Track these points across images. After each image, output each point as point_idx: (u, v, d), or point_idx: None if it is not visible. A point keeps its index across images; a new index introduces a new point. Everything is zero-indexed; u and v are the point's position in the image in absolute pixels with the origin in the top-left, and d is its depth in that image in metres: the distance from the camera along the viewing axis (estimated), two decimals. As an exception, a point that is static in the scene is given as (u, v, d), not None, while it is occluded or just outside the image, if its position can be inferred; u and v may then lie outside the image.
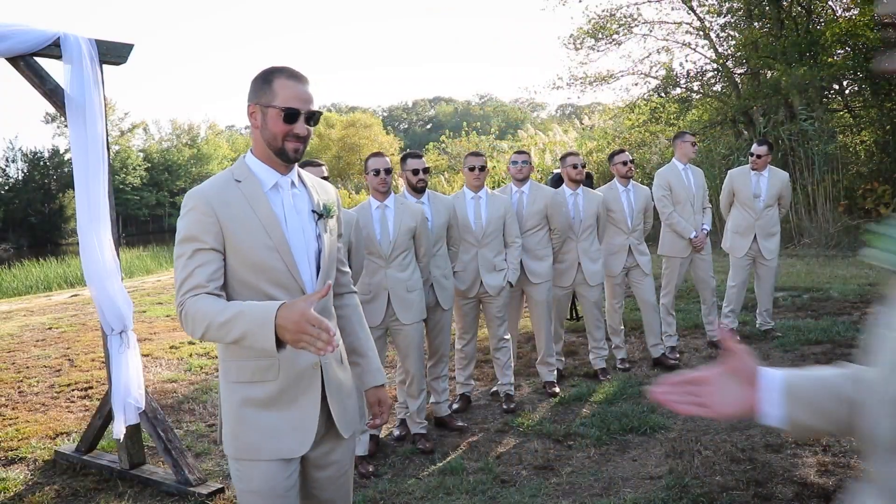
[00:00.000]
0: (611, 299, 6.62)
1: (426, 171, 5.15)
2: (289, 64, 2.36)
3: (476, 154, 5.68)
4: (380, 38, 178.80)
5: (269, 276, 2.29)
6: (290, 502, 2.39)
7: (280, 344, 2.02)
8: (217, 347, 2.42)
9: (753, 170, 7.05)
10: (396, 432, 5.19)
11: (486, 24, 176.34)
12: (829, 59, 15.03)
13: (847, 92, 16.58)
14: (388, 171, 4.80)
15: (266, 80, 2.32)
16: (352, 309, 2.65)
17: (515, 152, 6.12)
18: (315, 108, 2.34)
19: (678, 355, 6.70)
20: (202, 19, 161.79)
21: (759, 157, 7.02)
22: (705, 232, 6.80)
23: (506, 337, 5.70)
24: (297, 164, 2.42)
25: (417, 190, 5.15)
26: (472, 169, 5.52)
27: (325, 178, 4.57)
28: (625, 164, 6.41)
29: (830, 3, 16.16)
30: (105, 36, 4.44)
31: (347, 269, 2.66)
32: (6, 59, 4.12)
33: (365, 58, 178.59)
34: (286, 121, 2.28)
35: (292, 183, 2.41)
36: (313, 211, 2.42)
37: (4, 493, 4.53)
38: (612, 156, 6.64)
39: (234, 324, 2.08)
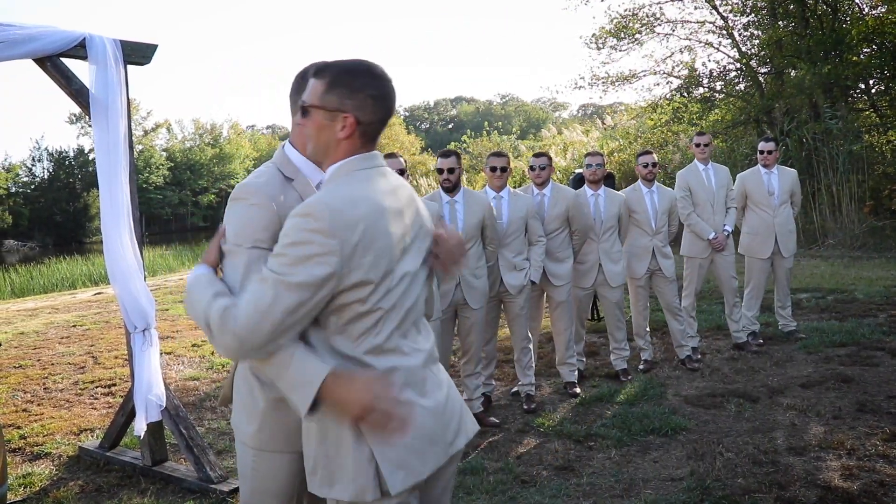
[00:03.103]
0: (635, 303, 6.58)
1: (451, 171, 5.09)
2: (308, 62, 2.32)
3: (498, 154, 5.59)
4: (401, 38, 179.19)
5: None
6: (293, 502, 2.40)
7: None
8: None
9: (764, 166, 7.03)
10: None
11: (508, 24, 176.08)
12: (855, 58, 14.87)
13: (873, 91, 16.39)
14: (402, 173, 4.75)
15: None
16: None
17: (533, 155, 6.04)
18: None
19: (700, 356, 6.66)
20: (226, 18, 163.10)
21: (768, 153, 7.01)
22: (726, 233, 6.74)
23: (527, 337, 5.68)
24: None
25: (445, 189, 5.13)
26: (493, 169, 5.46)
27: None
28: (646, 166, 6.37)
29: (857, 0, 15.98)
30: (127, 33, 4.52)
31: None
32: (34, 59, 4.17)
33: (386, 57, 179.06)
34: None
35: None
36: None
37: (30, 487, 4.60)
38: (637, 156, 6.63)
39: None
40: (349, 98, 1.95)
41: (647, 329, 6.64)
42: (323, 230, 1.80)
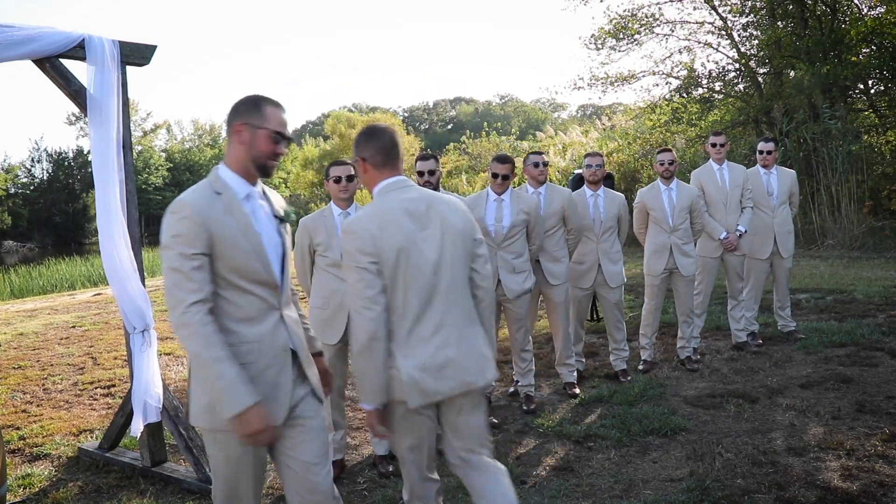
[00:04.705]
0: (648, 301, 6.56)
1: (432, 173, 4.99)
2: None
3: (502, 161, 5.39)
4: (401, 40, 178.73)
5: (249, 276, 2.68)
6: (258, 477, 2.81)
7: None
8: None
9: (763, 167, 7.03)
10: None
11: (508, 24, 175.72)
12: (854, 58, 14.86)
13: (872, 91, 16.38)
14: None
15: (257, 105, 2.74)
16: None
17: (535, 153, 5.92)
18: (289, 130, 2.82)
19: (699, 357, 6.66)
20: (225, 20, 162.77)
21: (767, 153, 7.01)
22: (738, 234, 6.72)
23: (528, 341, 5.66)
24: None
25: None
26: (494, 176, 5.37)
27: None
28: (661, 164, 6.33)
29: (856, 1, 15.98)
30: (127, 35, 4.50)
31: None
32: (33, 60, 4.17)
33: (386, 59, 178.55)
34: (274, 142, 2.72)
35: (259, 193, 2.82)
36: (276, 216, 2.85)
37: (30, 488, 4.59)
38: (656, 154, 6.61)
39: (220, 376, 2.54)
40: (356, 147, 3.05)
41: (655, 331, 6.61)
42: (357, 236, 2.85)
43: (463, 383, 2.94)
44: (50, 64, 4.22)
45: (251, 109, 2.73)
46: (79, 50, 4.21)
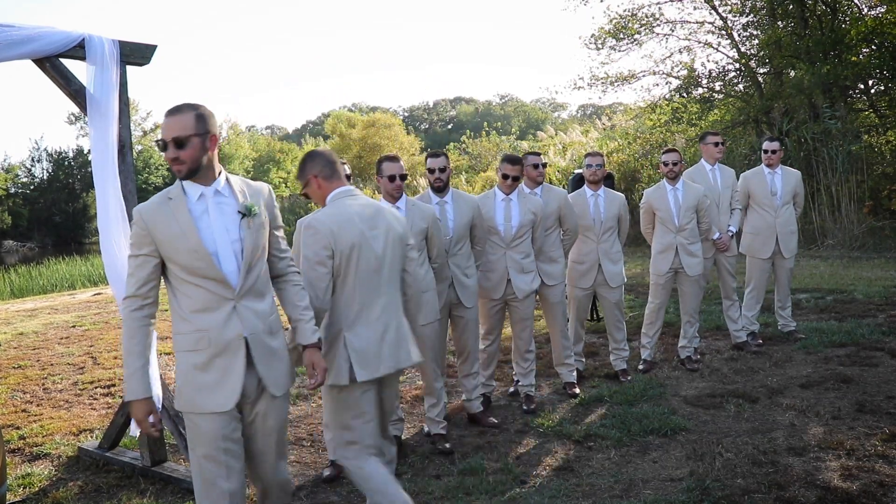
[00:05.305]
0: (653, 298, 6.54)
1: (442, 170, 5.08)
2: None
3: (513, 162, 5.40)
4: (401, 40, 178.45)
5: (197, 273, 2.89)
6: (229, 452, 2.96)
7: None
8: (171, 323, 3.05)
9: (768, 166, 7.03)
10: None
11: (508, 24, 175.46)
12: (854, 58, 14.85)
13: (872, 91, 16.37)
14: (403, 178, 4.70)
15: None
16: (290, 285, 3.22)
17: (530, 153, 5.91)
18: (178, 133, 2.85)
19: (700, 356, 6.66)
20: (225, 20, 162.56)
21: (772, 153, 7.01)
22: (730, 234, 6.74)
23: (531, 340, 5.66)
24: (222, 173, 3.03)
25: (436, 189, 5.11)
26: (505, 177, 5.39)
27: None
28: (666, 164, 6.31)
29: (856, 0, 15.97)
30: (127, 34, 4.50)
31: (285, 255, 3.23)
32: (33, 60, 4.17)
33: (386, 59, 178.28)
34: (161, 150, 2.91)
35: (216, 191, 2.98)
36: (238, 212, 2.97)
37: (29, 488, 4.59)
38: (661, 154, 6.61)
39: (125, 365, 2.93)
40: (303, 170, 3.58)
41: (657, 330, 6.60)
42: (317, 231, 3.37)
43: (397, 364, 3.47)
44: (50, 64, 4.22)
45: None
46: (79, 50, 4.21)
